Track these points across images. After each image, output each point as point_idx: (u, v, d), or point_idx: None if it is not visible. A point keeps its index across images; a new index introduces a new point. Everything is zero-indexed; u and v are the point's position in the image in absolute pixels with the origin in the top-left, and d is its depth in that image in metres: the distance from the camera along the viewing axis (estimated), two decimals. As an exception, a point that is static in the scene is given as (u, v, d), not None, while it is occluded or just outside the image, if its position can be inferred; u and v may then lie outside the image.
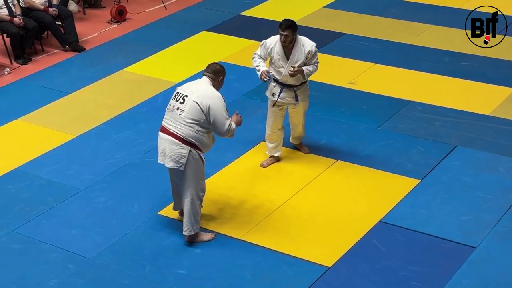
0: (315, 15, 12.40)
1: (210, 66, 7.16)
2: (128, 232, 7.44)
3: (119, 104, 9.83)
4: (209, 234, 7.31)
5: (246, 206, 7.77)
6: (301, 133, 8.46)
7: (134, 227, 7.51)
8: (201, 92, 6.92)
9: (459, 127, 9.05)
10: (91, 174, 8.35)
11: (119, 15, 12.68)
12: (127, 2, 13.49)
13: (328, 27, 11.89)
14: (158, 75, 10.62)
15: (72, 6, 12.54)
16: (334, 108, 9.52)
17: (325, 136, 8.88)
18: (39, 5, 11.38)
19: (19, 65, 11.17)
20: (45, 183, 8.26)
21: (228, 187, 8.05)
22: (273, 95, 8.07)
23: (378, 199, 7.81)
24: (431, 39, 11.40)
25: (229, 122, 6.98)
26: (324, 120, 9.22)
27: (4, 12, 10.99)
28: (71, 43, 11.58)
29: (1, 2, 10.96)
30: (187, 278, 6.84)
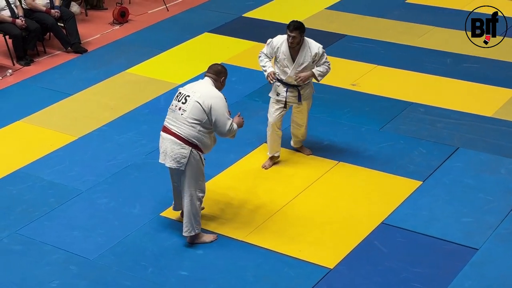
0: (317, 17, 12.40)
1: (212, 67, 7.17)
2: (130, 234, 7.44)
3: (121, 106, 9.83)
4: (210, 236, 7.31)
5: (248, 207, 7.77)
6: (303, 135, 8.46)
7: (136, 229, 7.51)
8: (203, 92, 6.93)
9: (461, 128, 9.05)
10: (93, 176, 8.36)
11: (121, 17, 12.68)
12: (129, 3, 13.50)
13: (330, 29, 11.89)
14: (160, 76, 10.63)
15: (74, 8, 12.55)
16: (336, 110, 9.52)
17: (327, 138, 8.88)
18: (41, 6, 11.39)
19: (21, 66, 11.17)
20: (47, 184, 8.26)
21: (230, 188, 8.05)
22: (277, 95, 8.06)
23: (380, 200, 7.81)
24: (433, 40, 11.40)
25: (230, 122, 6.98)
26: (326, 122, 9.21)
27: (6, 14, 11.00)
28: (73, 44, 11.59)
29: (3, 4, 10.98)
30: (189, 279, 6.84)
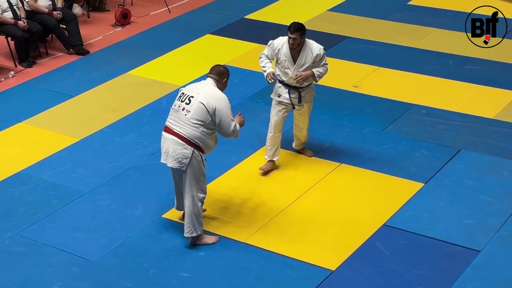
0: (319, 18, 12.40)
1: (215, 68, 7.18)
2: (132, 235, 7.44)
3: (123, 107, 9.84)
4: (212, 237, 7.31)
5: (250, 209, 7.77)
6: (305, 138, 8.46)
7: (138, 230, 7.51)
8: (207, 93, 6.93)
9: (463, 130, 9.05)
10: (95, 177, 8.36)
11: (124, 18, 12.69)
12: (132, 5, 13.51)
13: (332, 31, 11.89)
14: (162, 78, 10.63)
15: (77, 9, 12.56)
16: (338, 111, 9.52)
17: (329, 139, 8.88)
18: (44, 8, 11.40)
19: (23, 68, 11.18)
20: (49, 186, 8.27)
21: (232, 189, 8.05)
22: (278, 96, 8.06)
23: (382, 202, 7.81)
24: (435, 42, 11.40)
25: (234, 123, 7.00)
26: (328, 123, 9.21)
27: (8, 15, 11.01)
28: (76, 46, 11.60)
29: (5, 6, 10.99)
30: (190, 281, 6.84)
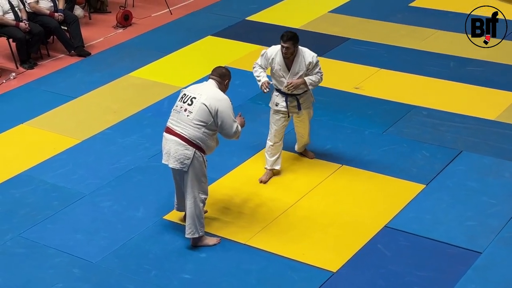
0: (321, 20, 12.41)
1: (216, 70, 7.18)
2: (133, 237, 7.44)
3: (124, 109, 9.84)
4: (214, 239, 7.31)
5: (251, 210, 7.77)
6: (306, 141, 8.45)
7: (139, 232, 7.51)
8: (209, 94, 6.94)
9: (464, 132, 9.04)
10: (96, 179, 8.36)
11: (125, 20, 12.70)
12: (133, 7, 13.51)
13: (333, 32, 11.89)
14: (164, 79, 10.64)
15: (78, 11, 12.56)
16: (339, 113, 9.52)
17: (330, 141, 8.88)
18: (45, 10, 11.41)
19: (24, 69, 11.19)
20: (50, 187, 8.27)
21: (233, 191, 8.05)
22: (276, 105, 8.03)
23: (383, 204, 7.80)
24: (437, 44, 11.40)
25: (236, 125, 7.02)
26: (329, 125, 9.21)
27: (10, 17, 11.02)
28: (77, 48, 11.60)
29: (7, 7, 11.00)
30: (192, 282, 6.84)
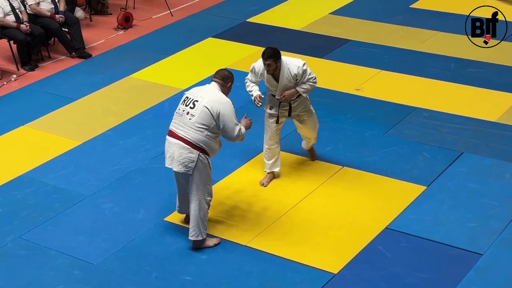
0: (321, 22, 12.41)
1: (219, 72, 7.18)
2: (134, 238, 7.45)
3: (125, 111, 9.85)
4: (213, 239, 7.31)
5: (252, 212, 7.77)
6: (313, 142, 8.42)
7: (140, 233, 7.51)
8: (211, 97, 6.94)
9: (465, 133, 9.04)
10: (97, 180, 8.37)
11: (126, 22, 12.71)
12: (134, 8, 13.53)
13: (334, 34, 11.89)
14: (165, 81, 10.64)
15: (79, 13, 12.58)
16: (340, 115, 9.52)
17: (331, 143, 8.88)
18: (46, 11, 11.41)
19: (25, 71, 11.20)
20: (51, 189, 8.27)
21: (234, 193, 8.06)
22: (269, 109, 8.01)
23: (384, 205, 7.80)
24: (437, 45, 11.40)
25: (239, 128, 7.02)
26: (330, 127, 9.21)
27: (11, 19, 11.03)
28: (78, 49, 11.61)
29: (8, 9, 11.00)
30: (193, 284, 6.84)
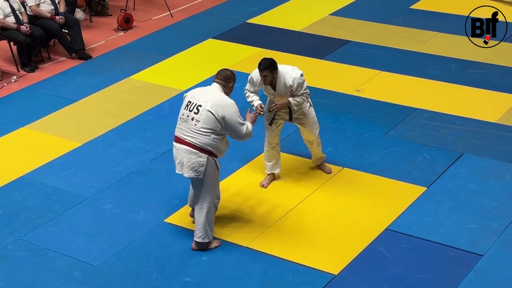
0: (321, 23, 12.41)
1: (221, 73, 7.17)
2: (135, 240, 7.44)
3: (125, 112, 9.84)
4: (214, 241, 7.31)
5: (252, 213, 7.77)
6: (317, 152, 8.30)
7: (140, 235, 7.51)
8: (215, 101, 6.92)
9: (465, 134, 9.04)
10: (97, 182, 8.36)
11: (126, 23, 12.71)
12: (134, 10, 13.53)
13: (334, 35, 11.89)
14: (165, 82, 10.64)
15: (79, 14, 12.58)
16: (340, 116, 9.52)
17: (331, 144, 8.88)
18: (46, 13, 11.42)
19: (26, 73, 11.20)
20: (51, 190, 8.27)
21: (234, 194, 8.05)
22: (269, 111, 8.00)
23: (384, 206, 7.80)
24: (438, 46, 11.40)
25: (245, 126, 7.03)
26: (330, 128, 9.21)
27: (11, 20, 11.03)
28: (78, 51, 11.61)
29: (8, 10, 11.01)
30: (193, 285, 6.83)
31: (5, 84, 10.82)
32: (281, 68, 7.68)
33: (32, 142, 9.28)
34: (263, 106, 7.86)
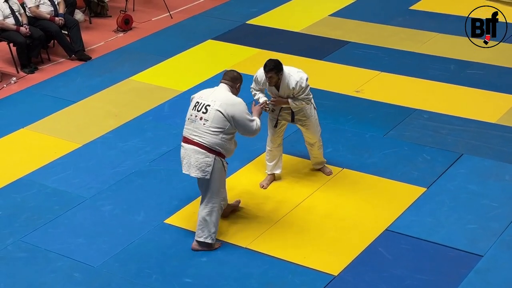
0: (321, 24, 12.41)
1: (228, 73, 7.19)
2: (134, 241, 7.44)
3: (125, 113, 9.85)
4: (215, 243, 7.31)
5: (252, 214, 7.77)
6: (318, 155, 8.29)
7: (140, 236, 7.51)
8: (223, 100, 6.95)
9: (465, 135, 9.04)
10: (97, 183, 8.36)
11: (125, 24, 12.71)
12: (133, 11, 13.53)
13: (333, 36, 11.89)
14: (164, 83, 10.64)
15: (79, 15, 12.58)
16: (340, 116, 9.52)
17: (331, 144, 8.88)
18: (46, 14, 11.42)
19: (25, 74, 11.20)
20: (51, 191, 8.27)
21: (234, 195, 8.05)
22: (272, 111, 8.01)
23: (384, 207, 7.80)
24: (437, 47, 11.40)
25: (255, 122, 7.06)
26: (330, 129, 9.21)
27: (10, 22, 11.03)
28: (77, 52, 11.61)
29: (7, 12, 11.01)
30: (193, 286, 6.83)
31: (4, 86, 10.83)
32: (286, 69, 7.69)
33: (32, 143, 9.29)
34: (269, 102, 7.87)
